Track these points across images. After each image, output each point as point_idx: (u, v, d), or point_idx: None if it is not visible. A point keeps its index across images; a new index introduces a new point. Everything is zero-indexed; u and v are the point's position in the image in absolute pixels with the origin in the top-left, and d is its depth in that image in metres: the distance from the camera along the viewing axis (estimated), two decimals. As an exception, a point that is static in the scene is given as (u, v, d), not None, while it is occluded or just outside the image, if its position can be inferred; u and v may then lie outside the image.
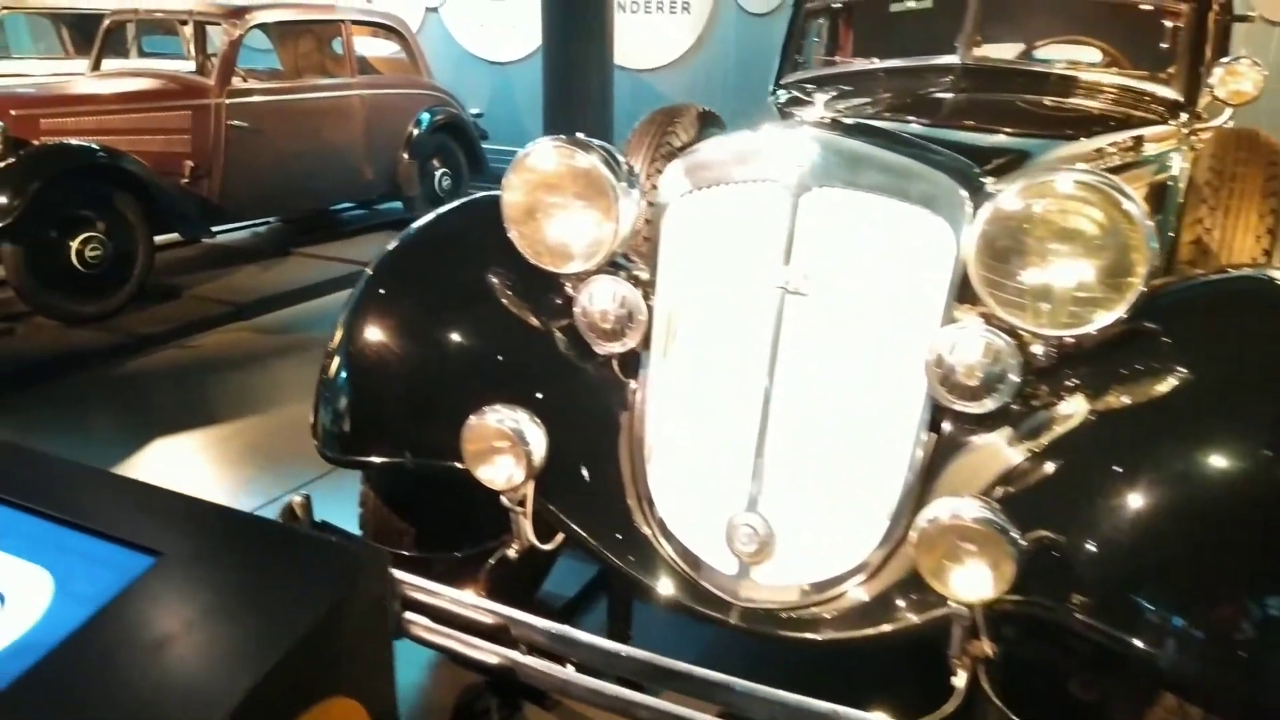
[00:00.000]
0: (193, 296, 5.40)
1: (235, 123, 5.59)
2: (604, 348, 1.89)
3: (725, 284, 1.77)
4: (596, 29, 5.46)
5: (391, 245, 2.14)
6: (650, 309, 1.84)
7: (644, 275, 1.91)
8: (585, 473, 1.84)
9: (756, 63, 7.46)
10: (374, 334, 2.00)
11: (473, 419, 1.73)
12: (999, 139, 2.32)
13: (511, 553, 1.82)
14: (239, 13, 5.60)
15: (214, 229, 5.58)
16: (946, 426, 1.66)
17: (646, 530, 1.82)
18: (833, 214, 1.67)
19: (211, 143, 5.53)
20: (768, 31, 7.36)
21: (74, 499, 1.10)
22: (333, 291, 5.81)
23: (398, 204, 7.10)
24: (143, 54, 7.43)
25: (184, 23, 6.19)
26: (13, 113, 4.76)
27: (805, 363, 1.68)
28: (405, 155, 6.79)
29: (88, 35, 7.46)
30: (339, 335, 2.04)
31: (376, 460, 1.92)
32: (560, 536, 1.84)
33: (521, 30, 8.27)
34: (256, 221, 6.87)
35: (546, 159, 1.86)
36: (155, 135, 5.31)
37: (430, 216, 2.20)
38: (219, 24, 5.58)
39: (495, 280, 2.03)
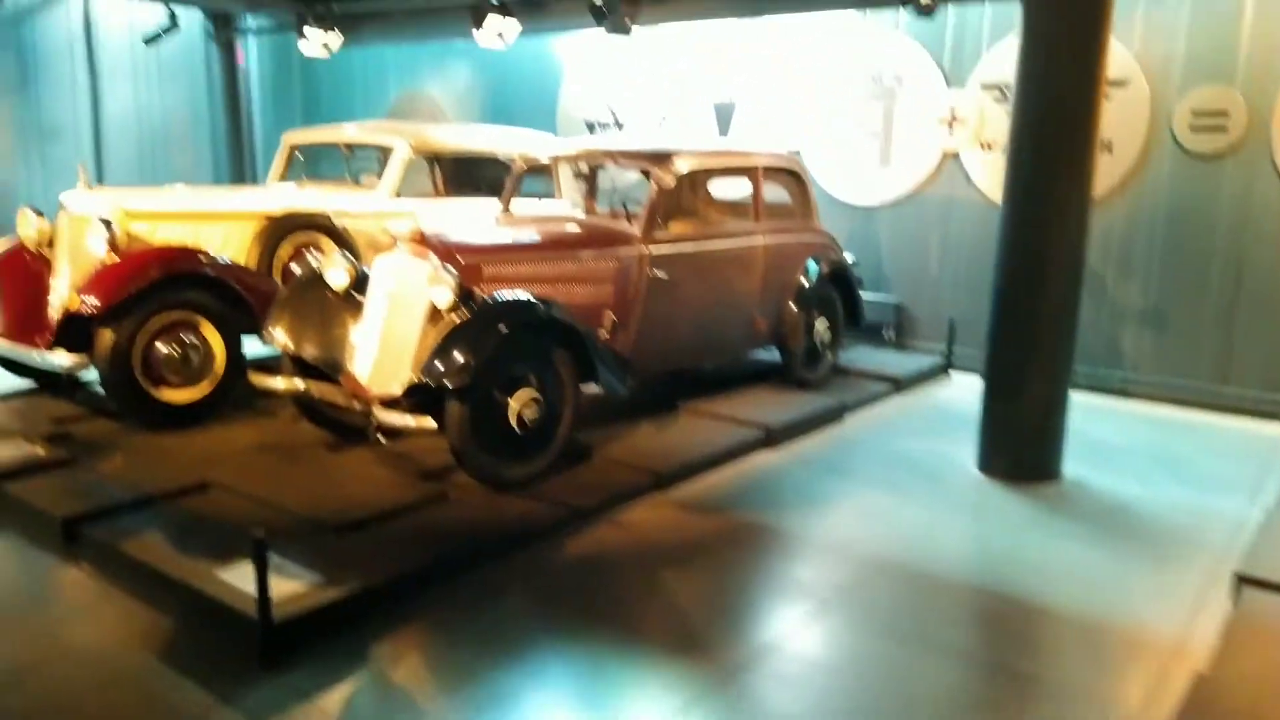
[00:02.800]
0: (602, 458, 4.94)
1: (655, 273, 5.21)
2: None
3: None
4: (1078, 170, 4.68)
5: None
6: None
7: None
8: None
9: (1193, 214, 6.44)
10: None
11: None
12: None
13: None
14: (669, 159, 5.29)
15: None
16: None
17: None
18: None
19: (632, 294, 5.17)
20: (1213, 178, 6.34)
21: None
22: (740, 456, 5.24)
23: (759, 351, 6.56)
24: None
25: (613, 165, 6.00)
26: (460, 260, 4.55)
27: None
28: (793, 305, 6.23)
29: (454, 174, 7.57)
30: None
31: None
32: None
33: (894, 174, 7.70)
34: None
35: None
36: (583, 285, 4.99)
37: None
38: (649, 171, 5.27)
39: None
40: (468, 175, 7.55)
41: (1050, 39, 4.72)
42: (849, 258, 6.89)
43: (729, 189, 6.61)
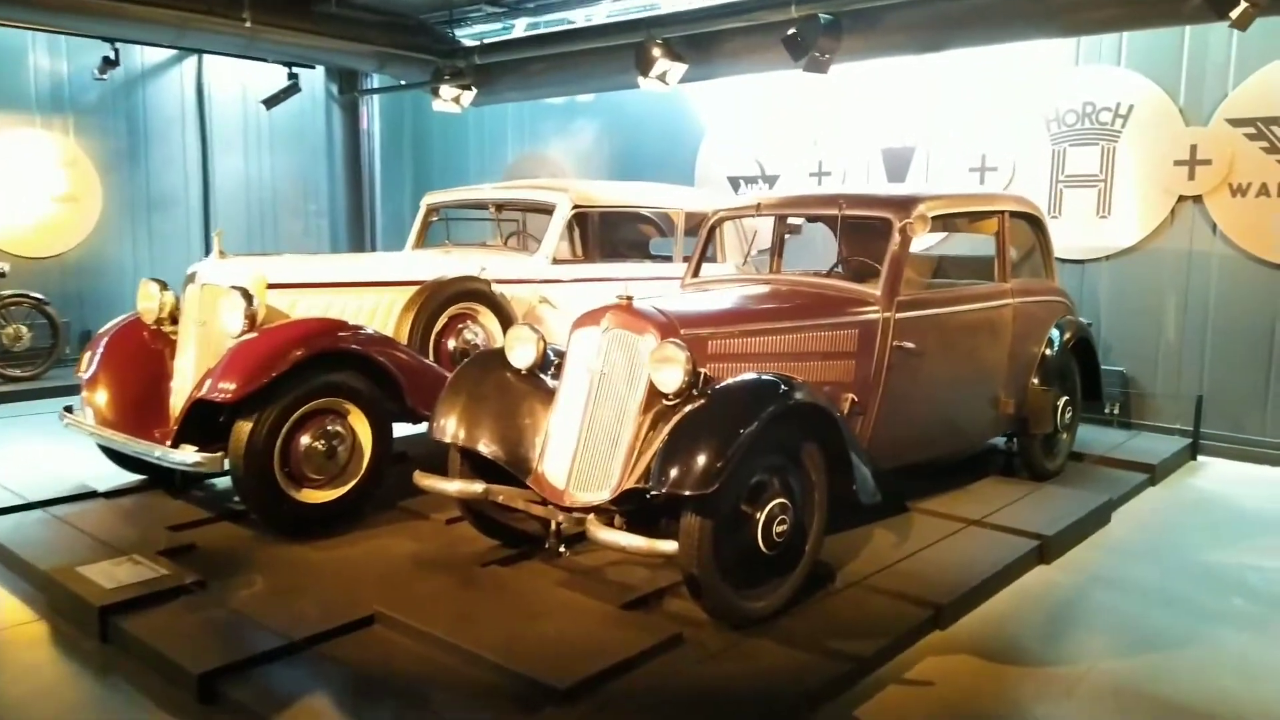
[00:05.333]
0: (848, 582, 3.87)
1: (900, 344, 4.21)
2: None
3: None
4: None
5: None
6: None
7: None
8: None
9: None
10: None
11: None
12: None
13: None
14: (912, 203, 4.32)
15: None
16: None
17: None
18: None
19: (874, 369, 4.17)
20: None
21: None
22: (1012, 580, 4.12)
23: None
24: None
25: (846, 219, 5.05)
26: (683, 333, 3.61)
27: None
28: (1036, 380, 5.14)
29: (597, 236, 6.74)
30: None
31: None
32: None
33: (1114, 223, 6.62)
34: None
35: None
36: (820, 361, 4.01)
37: None
38: (889, 220, 4.30)
39: None
40: (607, 237, 6.72)
41: None
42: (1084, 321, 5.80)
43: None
